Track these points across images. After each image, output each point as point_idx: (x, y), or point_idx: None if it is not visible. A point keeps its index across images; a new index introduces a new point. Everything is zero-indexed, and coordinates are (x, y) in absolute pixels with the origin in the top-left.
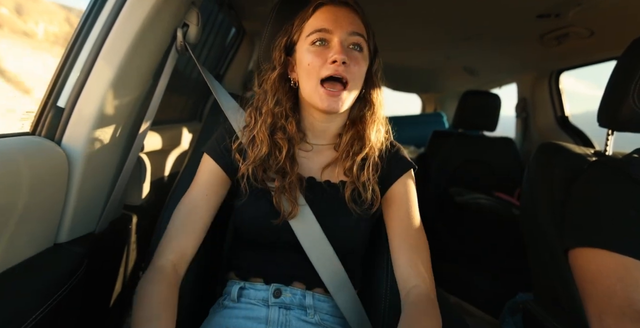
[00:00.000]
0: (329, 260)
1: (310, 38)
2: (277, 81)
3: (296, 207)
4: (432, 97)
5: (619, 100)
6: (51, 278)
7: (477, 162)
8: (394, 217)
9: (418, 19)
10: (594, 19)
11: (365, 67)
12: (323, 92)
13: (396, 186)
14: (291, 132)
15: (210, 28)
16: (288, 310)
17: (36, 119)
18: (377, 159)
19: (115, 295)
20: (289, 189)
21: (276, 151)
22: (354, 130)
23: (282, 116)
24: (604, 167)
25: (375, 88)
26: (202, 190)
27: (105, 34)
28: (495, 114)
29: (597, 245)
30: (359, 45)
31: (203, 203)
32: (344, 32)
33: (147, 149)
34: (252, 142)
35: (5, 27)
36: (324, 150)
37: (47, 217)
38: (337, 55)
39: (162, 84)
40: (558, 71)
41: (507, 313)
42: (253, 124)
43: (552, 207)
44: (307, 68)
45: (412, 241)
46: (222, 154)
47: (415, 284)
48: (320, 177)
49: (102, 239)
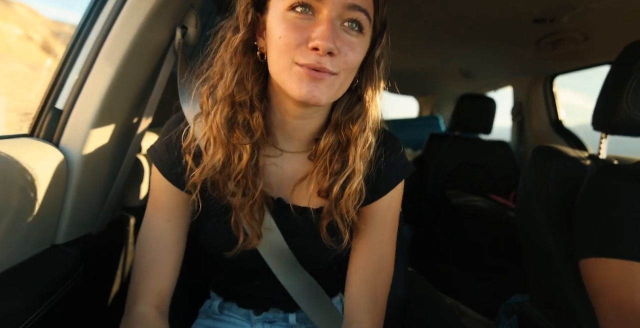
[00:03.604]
0: (305, 285)
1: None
2: (240, 50)
3: (257, 234)
4: (429, 100)
5: (612, 104)
6: (48, 279)
7: (473, 164)
8: (362, 237)
9: (414, 22)
10: (588, 24)
11: (362, 53)
12: (301, 71)
13: (378, 202)
14: (257, 132)
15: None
16: (272, 323)
17: (34, 121)
18: (362, 184)
19: (112, 297)
20: (250, 211)
21: (235, 157)
22: (335, 136)
23: (246, 106)
24: (612, 172)
25: (372, 82)
26: (163, 216)
27: (104, 36)
28: (491, 117)
29: (603, 255)
30: (357, 24)
31: (168, 232)
32: (339, 3)
33: (145, 150)
34: (206, 141)
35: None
36: (295, 158)
37: (45, 218)
38: (321, 42)
39: (160, 86)
40: (553, 75)
41: (503, 315)
42: (207, 114)
43: (547, 209)
44: (277, 42)
45: (372, 270)
46: (172, 164)
47: (360, 320)
48: (289, 197)
49: (100, 240)
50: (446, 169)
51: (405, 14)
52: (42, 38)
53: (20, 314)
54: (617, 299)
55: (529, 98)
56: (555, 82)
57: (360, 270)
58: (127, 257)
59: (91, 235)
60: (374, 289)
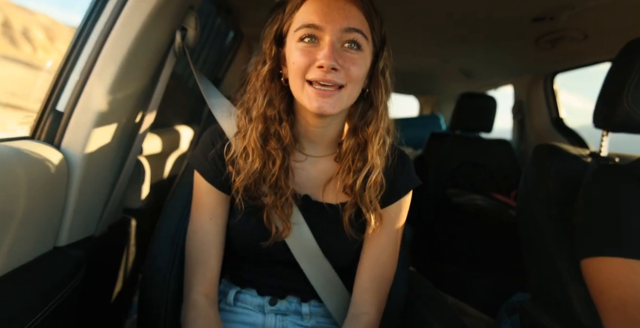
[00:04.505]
0: (326, 275)
1: (298, 34)
2: (267, 78)
3: (287, 226)
4: (430, 99)
5: (613, 101)
6: (50, 281)
7: (474, 163)
8: (374, 238)
9: (415, 21)
10: (588, 22)
11: (366, 66)
12: (312, 91)
13: (392, 207)
14: (285, 139)
15: (208, 32)
16: (284, 316)
17: (35, 123)
18: (382, 177)
19: (114, 298)
20: (281, 207)
21: (270, 163)
22: (355, 139)
23: (275, 120)
24: (612, 171)
25: (380, 88)
26: (205, 214)
27: (104, 38)
28: (492, 115)
29: (605, 254)
30: (355, 43)
31: (211, 228)
32: (337, 29)
33: (146, 152)
34: (245, 152)
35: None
36: (321, 162)
37: (47, 221)
38: (324, 61)
39: (161, 87)
40: (553, 73)
41: (504, 314)
42: (244, 132)
43: (548, 208)
44: (292, 67)
45: (379, 269)
46: (214, 170)
47: (365, 311)
48: (317, 196)
49: (102, 242)
50: (447, 168)
51: (406, 14)
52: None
53: (22, 316)
54: (620, 298)
55: (529, 96)
56: (556, 80)
57: (369, 268)
58: (129, 258)
59: (93, 237)
60: (380, 284)
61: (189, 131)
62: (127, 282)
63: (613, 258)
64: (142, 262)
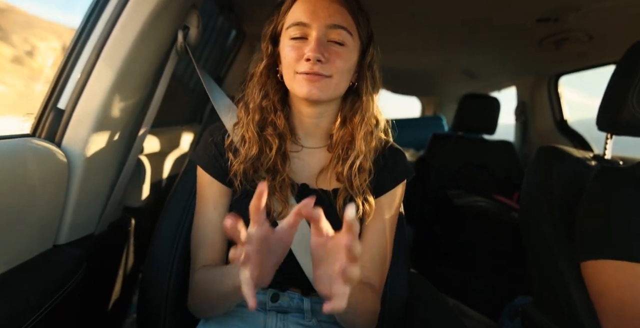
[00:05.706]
0: None
1: (289, 32)
2: (264, 73)
3: (287, 206)
4: (432, 100)
5: (618, 104)
6: (50, 279)
7: (477, 165)
8: (368, 227)
9: (417, 22)
10: (593, 23)
11: (351, 60)
12: (301, 77)
13: (384, 197)
14: (281, 127)
15: (210, 31)
16: (286, 314)
17: (36, 121)
18: (370, 164)
19: (114, 297)
20: (279, 189)
21: (267, 149)
22: (345, 130)
23: (271, 110)
24: (614, 174)
25: (366, 81)
26: (210, 205)
27: (106, 36)
28: (495, 117)
29: (604, 256)
30: (340, 39)
31: (215, 217)
32: (323, 26)
33: (147, 151)
34: (243, 140)
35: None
36: (317, 153)
37: (47, 219)
38: (310, 53)
39: (162, 86)
40: (557, 75)
41: (506, 317)
42: (242, 122)
43: (551, 210)
44: (284, 61)
45: (378, 249)
46: (213, 163)
47: (368, 275)
48: (312, 184)
49: (102, 241)
50: (449, 170)
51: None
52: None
53: (22, 314)
54: (619, 301)
55: (532, 98)
56: (560, 82)
57: (367, 250)
58: (129, 257)
59: (93, 235)
60: (381, 262)
61: (190, 131)
62: (127, 281)
63: (612, 261)
64: (142, 261)
